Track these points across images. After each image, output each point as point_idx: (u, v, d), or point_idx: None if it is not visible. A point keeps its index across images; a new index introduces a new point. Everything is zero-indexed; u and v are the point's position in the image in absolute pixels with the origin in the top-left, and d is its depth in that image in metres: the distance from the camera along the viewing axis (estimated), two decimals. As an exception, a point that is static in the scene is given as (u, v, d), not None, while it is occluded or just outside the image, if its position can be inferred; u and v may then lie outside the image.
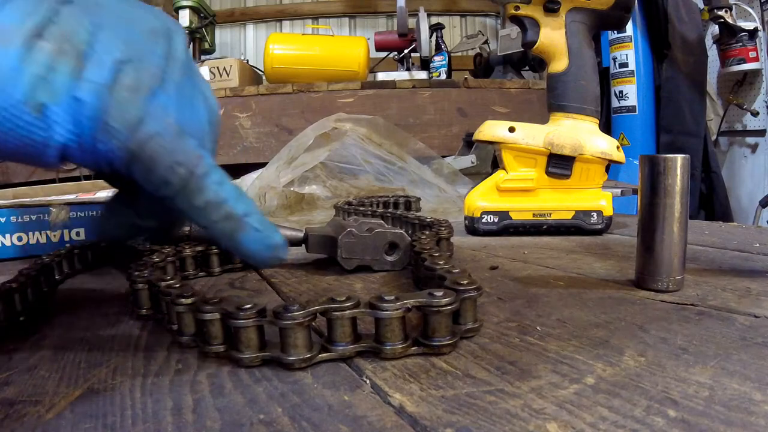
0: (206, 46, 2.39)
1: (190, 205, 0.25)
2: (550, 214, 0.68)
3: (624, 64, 1.97)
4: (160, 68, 0.25)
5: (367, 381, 0.26)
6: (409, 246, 0.48)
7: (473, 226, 0.69)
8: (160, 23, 0.26)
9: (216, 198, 0.25)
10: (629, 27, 1.90)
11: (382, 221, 0.52)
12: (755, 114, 2.20)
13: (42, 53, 0.21)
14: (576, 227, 0.68)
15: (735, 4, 2.07)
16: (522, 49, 2.03)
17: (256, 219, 0.26)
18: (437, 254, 0.40)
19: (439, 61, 2.22)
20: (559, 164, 0.66)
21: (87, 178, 1.33)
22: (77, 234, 0.60)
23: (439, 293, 0.29)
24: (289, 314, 0.27)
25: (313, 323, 0.28)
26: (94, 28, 0.23)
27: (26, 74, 0.21)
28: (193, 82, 0.27)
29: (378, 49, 2.39)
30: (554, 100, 0.68)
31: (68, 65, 0.22)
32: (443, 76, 2.19)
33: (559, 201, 0.68)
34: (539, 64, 2.17)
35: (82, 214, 0.61)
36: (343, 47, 2.30)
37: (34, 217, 0.58)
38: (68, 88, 0.22)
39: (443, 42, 2.29)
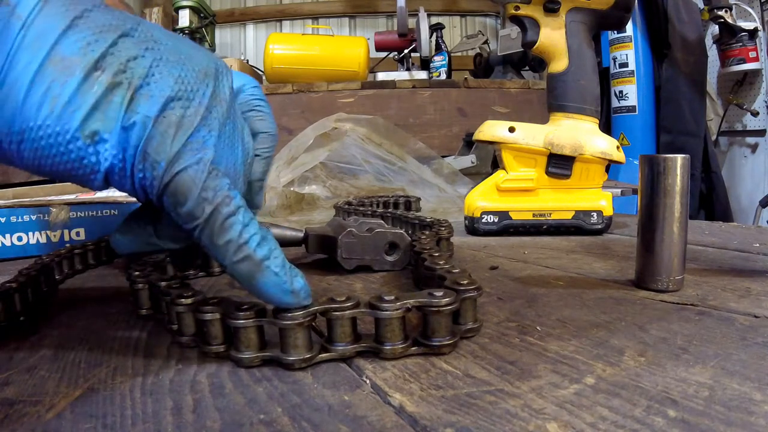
0: (206, 46, 2.39)
1: (212, 243, 0.26)
2: (550, 214, 0.68)
3: (624, 64, 1.97)
4: (206, 107, 0.26)
5: (367, 381, 0.26)
6: (409, 246, 0.48)
7: (473, 226, 0.69)
8: (211, 64, 0.27)
9: (238, 239, 0.26)
10: (629, 27, 1.90)
11: (382, 221, 0.52)
12: (755, 114, 2.20)
13: (99, 85, 0.23)
14: (576, 227, 0.68)
15: (735, 4, 2.06)
16: (522, 49, 2.03)
17: (276, 263, 0.27)
18: (437, 254, 0.40)
19: (439, 61, 2.21)
20: (559, 164, 0.66)
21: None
22: (77, 234, 0.60)
23: (439, 293, 0.29)
24: (289, 314, 0.27)
25: (313, 323, 0.28)
26: (151, 62, 0.24)
27: (83, 104, 0.23)
28: (235, 124, 0.28)
29: (378, 49, 2.38)
30: (554, 100, 0.68)
31: (121, 96, 0.23)
32: (443, 76, 2.19)
33: (559, 201, 0.68)
34: (539, 64, 2.17)
35: (82, 214, 0.61)
36: (343, 47, 2.30)
37: (34, 217, 0.58)
38: (119, 118, 0.23)
39: (443, 42, 2.29)
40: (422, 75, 2.18)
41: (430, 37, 2.20)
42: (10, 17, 0.22)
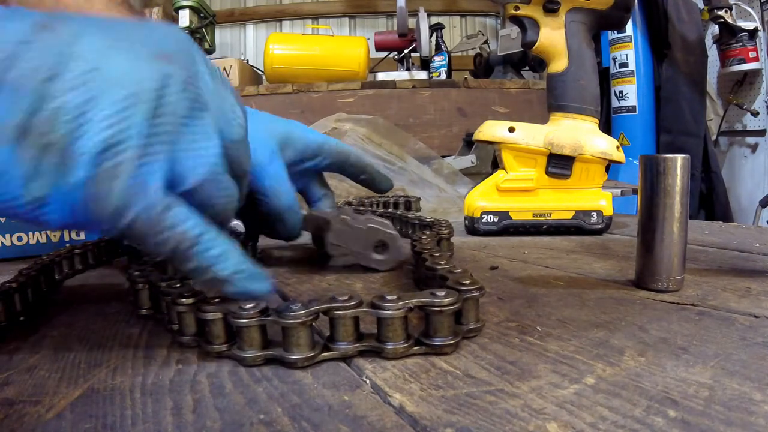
0: (206, 46, 2.39)
1: (181, 267, 0.27)
2: (550, 214, 0.68)
3: (624, 64, 1.97)
4: (144, 136, 0.24)
5: (367, 381, 0.26)
6: (398, 249, 0.48)
7: (473, 226, 0.69)
8: (153, 74, 0.24)
9: (202, 264, 0.27)
10: (629, 27, 1.90)
11: (389, 222, 0.51)
12: (755, 114, 2.20)
13: (29, 151, 0.22)
14: (576, 227, 0.68)
15: (735, 4, 2.07)
16: (522, 49, 2.03)
17: (242, 277, 0.28)
18: (438, 254, 0.40)
19: (439, 61, 2.21)
20: (559, 164, 0.66)
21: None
22: (77, 234, 0.60)
23: (442, 293, 0.29)
24: (293, 313, 0.27)
25: (314, 322, 0.28)
26: (76, 111, 0.22)
27: (18, 171, 0.22)
28: (193, 129, 0.26)
29: (378, 49, 2.38)
30: (554, 100, 0.68)
31: (53, 159, 0.22)
32: (443, 76, 2.19)
33: (559, 201, 0.68)
34: (539, 64, 2.17)
35: (82, 214, 0.60)
36: (343, 47, 2.30)
37: (34, 217, 0.58)
38: (56, 183, 0.23)
39: (443, 42, 2.29)
40: (422, 75, 2.18)
41: (430, 37, 2.20)
42: None
